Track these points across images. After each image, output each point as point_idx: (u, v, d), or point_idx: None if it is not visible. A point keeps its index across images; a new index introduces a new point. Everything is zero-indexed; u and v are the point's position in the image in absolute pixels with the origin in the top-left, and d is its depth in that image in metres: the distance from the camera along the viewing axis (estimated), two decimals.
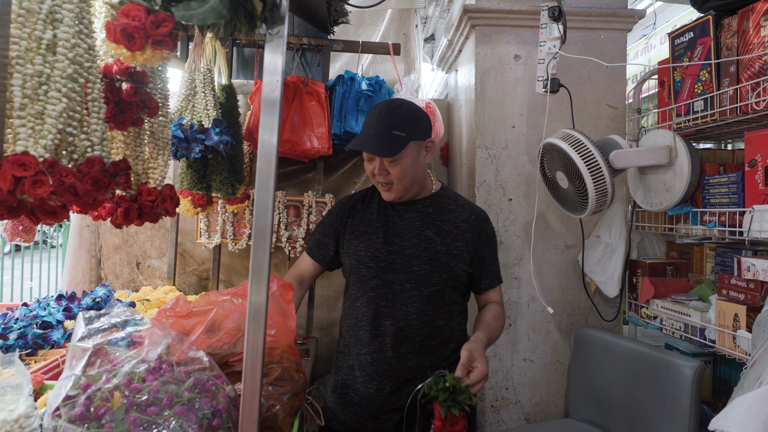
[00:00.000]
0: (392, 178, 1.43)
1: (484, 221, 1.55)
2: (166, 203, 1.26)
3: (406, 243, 1.48)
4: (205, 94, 1.97)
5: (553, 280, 2.17)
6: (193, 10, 0.80)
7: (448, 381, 1.18)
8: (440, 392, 1.17)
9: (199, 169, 2.06)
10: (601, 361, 1.94)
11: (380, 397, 1.44)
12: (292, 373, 1.27)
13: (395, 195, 1.47)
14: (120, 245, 2.63)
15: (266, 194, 0.90)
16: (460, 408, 1.16)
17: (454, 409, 1.15)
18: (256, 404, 0.90)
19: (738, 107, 1.48)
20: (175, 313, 1.27)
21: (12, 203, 0.79)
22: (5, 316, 1.74)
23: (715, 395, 1.91)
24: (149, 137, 1.31)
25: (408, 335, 1.43)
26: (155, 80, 1.28)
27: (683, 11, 3.75)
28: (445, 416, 1.16)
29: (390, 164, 1.42)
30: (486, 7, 2.12)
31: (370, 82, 2.37)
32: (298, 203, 2.49)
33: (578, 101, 2.14)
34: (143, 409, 0.94)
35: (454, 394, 1.17)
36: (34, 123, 0.82)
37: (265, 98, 0.90)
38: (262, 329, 0.90)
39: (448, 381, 1.18)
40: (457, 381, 1.18)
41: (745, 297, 1.49)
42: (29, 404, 0.99)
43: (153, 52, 0.88)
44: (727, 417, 1.04)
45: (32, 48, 0.82)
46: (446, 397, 1.16)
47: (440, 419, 1.17)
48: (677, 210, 1.77)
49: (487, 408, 2.15)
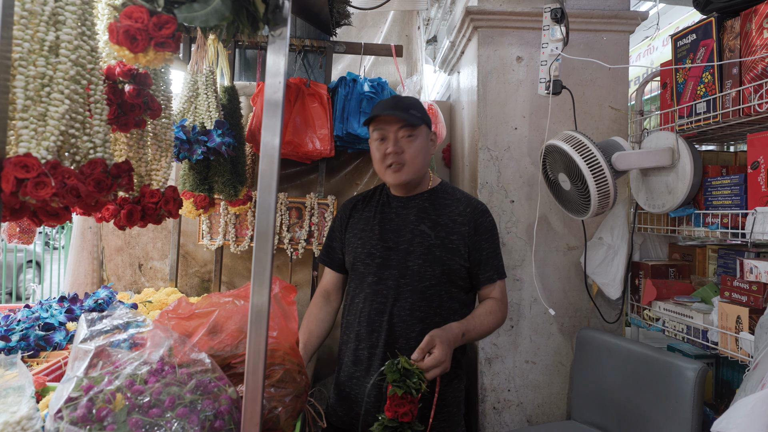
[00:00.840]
0: (406, 157, 1.45)
1: (482, 213, 1.53)
2: (169, 205, 1.26)
3: (401, 239, 1.49)
4: (208, 96, 1.97)
5: (555, 281, 2.17)
6: (196, 12, 0.80)
7: (400, 363, 1.22)
8: (391, 373, 1.21)
9: (201, 170, 2.07)
10: (603, 363, 1.93)
11: (375, 392, 1.45)
12: (294, 375, 1.27)
13: (406, 176, 1.47)
14: (122, 247, 2.64)
15: (269, 196, 0.90)
16: (407, 390, 1.19)
17: (399, 390, 1.18)
18: (258, 406, 0.90)
19: (741, 109, 1.48)
20: (177, 314, 1.27)
21: (14, 205, 0.79)
22: (7, 318, 1.74)
23: (717, 397, 1.90)
24: (152, 139, 1.31)
25: (402, 331, 1.44)
26: (158, 82, 1.28)
27: (686, 13, 3.75)
28: (391, 395, 1.19)
29: (406, 140, 1.45)
30: (488, 9, 2.12)
31: (372, 83, 2.37)
32: (300, 205, 2.49)
33: (580, 103, 2.14)
34: (145, 410, 0.94)
35: (404, 377, 1.20)
36: (37, 125, 0.82)
37: (268, 100, 0.90)
38: (264, 331, 0.90)
39: (400, 363, 1.22)
40: (409, 364, 1.22)
41: (748, 299, 1.49)
42: (31, 406, 0.99)
43: (155, 54, 0.88)
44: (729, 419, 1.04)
45: (35, 50, 0.83)
46: (396, 378, 1.20)
47: (389, 398, 1.20)
48: (680, 212, 1.76)
49: (489, 410, 2.14)
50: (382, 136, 1.47)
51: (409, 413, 1.19)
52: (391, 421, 1.19)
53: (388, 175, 1.48)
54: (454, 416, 1.51)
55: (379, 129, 1.47)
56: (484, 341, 2.13)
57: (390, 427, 1.20)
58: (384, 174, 1.50)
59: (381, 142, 1.47)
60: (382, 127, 1.46)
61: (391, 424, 1.19)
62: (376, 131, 1.47)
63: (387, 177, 1.49)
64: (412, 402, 1.20)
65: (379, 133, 1.47)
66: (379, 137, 1.47)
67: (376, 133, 1.47)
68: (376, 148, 1.49)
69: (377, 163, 1.50)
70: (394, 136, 1.45)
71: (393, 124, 1.45)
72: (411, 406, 1.20)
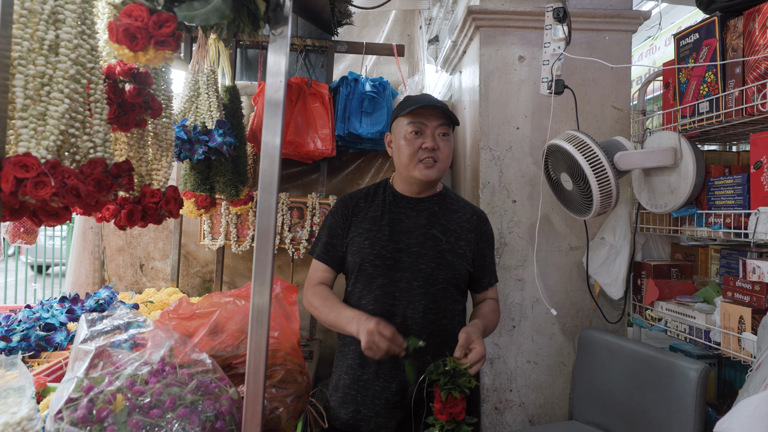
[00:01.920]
0: (440, 154, 1.45)
1: (485, 222, 1.60)
2: (170, 205, 1.26)
3: (412, 241, 1.48)
4: (209, 96, 1.97)
5: (557, 281, 2.16)
6: (196, 11, 0.79)
7: (448, 364, 1.24)
8: (441, 376, 1.23)
9: (202, 170, 2.06)
10: (605, 363, 1.93)
11: (385, 395, 1.44)
12: (296, 375, 1.26)
13: (436, 173, 1.47)
14: (123, 247, 2.64)
15: (269, 196, 0.89)
16: (460, 390, 1.21)
17: (454, 392, 1.21)
18: (259, 406, 0.90)
19: (743, 109, 1.47)
20: (178, 315, 1.27)
21: (14, 205, 0.78)
22: (8, 318, 1.74)
23: (720, 398, 1.89)
24: (153, 139, 1.30)
25: (415, 333, 1.43)
26: (158, 81, 1.28)
27: (688, 12, 3.74)
28: (445, 398, 1.21)
29: (442, 138, 1.46)
30: (490, 9, 2.12)
31: (374, 83, 2.36)
32: (301, 205, 2.48)
33: (583, 103, 2.13)
34: (146, 411, 0.93)
35: (454, 377, 1.22)
36: (36, 124, 0.81)
37: (269, 99, 0.90)
38: (266, 331, 0.90)
39: (448, 364, 1.24)
40: (456, 364, 1.24)
41: (751, 299, 1.48)
42: (32, 407, 0.99)
43: (156, 53, 0.87)
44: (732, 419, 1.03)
45: (34, 49, 0.82)
46: (446, 381, 1.22)
47: (440, 401, 1.22)
48: (682, 212, 1.75)
49: (491, 410, 2.14)
50: (418, 129, 1.44)
51: (463, 411, 1.23)
52: (449, 422, 1.22)
53: (418, 170, 1.45)
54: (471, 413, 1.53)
55: (416, 122, 1.44)
56: (486, 341, 2.12)
57: (449, 429, 1.23)
58: (413, 169, 1.46)
59: (416, 135, 1.44)
60: (421, 121, 1.44)
61: (449, 426, 1.22)
62: (413, 124, 1.44)
63: (416, 172, 1.46)
64: (464, 400, 1.23)
65: (416, 126, 1.44)
66: (414, 130, 1.44)
67: (412, 126, 1.44)
68: (408, 142, 1.44)
69: (407, 156, 1.45)
70: (432, 132, 1.44)
71: (432, 120, 1.44)
72: (463, 404, 1.23)
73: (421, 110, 1.44)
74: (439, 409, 1.23)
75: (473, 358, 1.25)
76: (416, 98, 1.49)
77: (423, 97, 1.49)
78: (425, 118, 1.44)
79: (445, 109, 1.45)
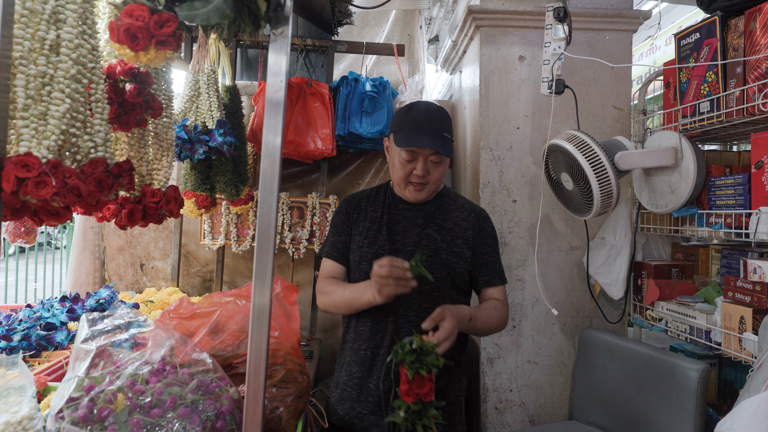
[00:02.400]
0: (430, 179, 1.46)
1: (484, 219, 1.58)
2: (171, 204, 1.26)
3: (407, 240, 1.50)
4: (209, 96, 1.97)
5: (558, 281, 2.16)
6: (197, 10, 0.79)
7: (414, 342, 1.19)
8: (407, 355, 1.18)
9: (202, 170, 2.07)
10: (605, 363, 1.93)
11: (378, 392, 1.45)
12: (296, 375, 1.26)
13: (425, 196, 1.50)
14: (124, 247, 2.64)
15: (270, 195, 0.89)
16: (427, 369, 1.17)
17: (421, 370, 1.16)
18: (259, 406, 0.90)
19: (744, 108, 1.47)
20: (178, 314, 1.27)
21: (15, 204, 0.78)
22: (9, 317, 1.74)
23: (720, 398, 1.89)
24: (153, 138, 1.31)
25: (408, 332, 1.44)
26: (159, 81, 1.28)
27: (689, 12, 3.73)
28: (412, 377, 1.16)
29: (434, 165, 1.46)
30: (491, 8, 2.12)
31: (374, 83, 2.36)
32: (302, 204, 2.48)
33: (583, 102, 2.13)
34: (146, 411, 0.94)
35: (420, 356, 1.18)
36: (38, 124, 0.81)
37: (269, 99, 0.90)
38: (266, 331, 0.90)
39: (414, 342, 1.19)
40: (422, 342, 1.20)
41: (751, 299, 1.48)
42: (32, 406, 0.99)
43: (156, 53, 0.87)
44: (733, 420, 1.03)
45: (35, 48, 0.82)
46: (413, 359, 1.17)
47: (407, 381, 1.17)
48: (683, 212, 1.75)
49: (491, 410, 2.14)
50: (412, 157, 1.45)
51: (431, 392, 1.18)
52: (416, 404, 1.16)
53: (408, 191, 1.49)
54: (455, 414, 1.51)
55: (410, 151, 1.45)
56: (486, 341, 2.13)
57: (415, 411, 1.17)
58: (404, 189, 1.50)
59: (409, 162, 1.46)
60: (414, 150, 1.44)
61: (416, 407, 1.17)
62: (406, 152, 1.45)
63: (407, 193, 1.50)
64: (431, 380, 1.18)
65: (409, 154, 1.45)
66: (408, 158, 1.45)
67: (406, 154, 1.45)
68: (401, 165, 1.47)
69: (399, 178, 1.48)
70: (423, 160, 1.44)
71: (426, 150, 1.44)
72: (431, 384, 1.18)
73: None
74: (405, 391, 1.17)
75: (440, 336, 1.22)
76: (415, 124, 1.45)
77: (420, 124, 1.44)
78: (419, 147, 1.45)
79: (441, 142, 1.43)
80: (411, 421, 1.17)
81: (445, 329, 1.24)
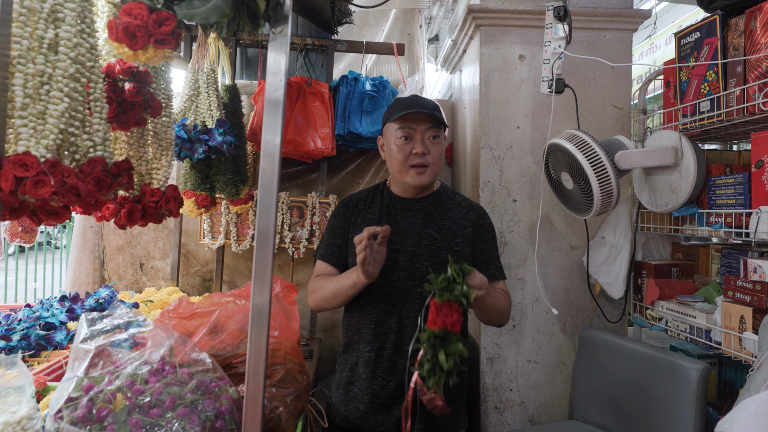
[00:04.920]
0: (430, 159, 1.45)
1: (482, 216, 1.57)
2: (170, 204, 1.26)
3: (407, 241, 1.49)
4: (209, 95, 1.97)
5: (558, 281, 2.16)
6: (196, 9, 0.79)
7: (450, 269, 1.18)
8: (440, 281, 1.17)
9: (202, 169, 2.06)
10: (605, 362, 1.92)
11: (384, 393, 1.44)
12: (296, 375, 1.26)
13: (428, 178, 1.47)
14: (123, 246, 2.64)
15: (269, 195, 0.89)
16: (456, 300, 1.15)
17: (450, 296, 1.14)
18: (259, 406, 0.90)
19: (745, 108, 1.46)
20: (178, 314, 1.27)
21: (14, 204, 0.78)
22: (8, 317, 1.74)
23: (720, 397, 1.89)
24: (152, 138, 1.30)
25: (411, 333, 1.43)
26: (158, 80, 1.28)
27: (689, 11, 3.73)
28: (441, 304, 1.15)
29: (432, 141, 1.45)
30: (491, 7, 2.11)
31: (374, 82, 2.36)
32: (301, 204, 2.48)
33: (583, 102, 2.13)
34: (146, 410, 0.93)
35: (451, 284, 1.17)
36: (36, 123, 0.81)
37: (268, 98, 0.89)
38: (266, 331, 0.90)
39: (450, 269, 1.18)
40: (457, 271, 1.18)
41: (752, 299, 1.48)
42: (32, 406, 0.99)
43: (155, 51, 0.87)
44: (733, 419, 1.03)
45: (34, 47, 0.82)
46: (444, 287, 1.16)
47: (435, 310, 1.16)
48: (683, 211, 1.75)
49: (491, 410, 2.14)
50: (408, 134, 1.43)
51: (458, 323, 1.15)
52: (441, 331, 1.14)
53: (410, 176, 1.46)
54: (458, 411, 1.51)
55: (405, 127, 1.43)
56: (486, 340, 2.13)
57: (440, 336, 1.14)
58: (405, 174, 1.47)
59: (406, 141, 1.44)
60: (410, 126, 1.43)
61: (440, 333, 1.14)
62: (402, 129, 1.44)
63: (408, 178, 1.46)
64: (460, 312, 1.16)
65: (406, 131, 1.43)
66: (404, 135, 1.44)
67: (402, 131, 1.44)
68: (398, 148, 1.45)
69: (399, 162, 1.46)
70: (421, 137, 1.43)
71: (421, 124, 1.43)
72: (459, 317, 1.16)
73: (409, 115, 1.43)
74: (432, 320, 1.15)
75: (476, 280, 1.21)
76: (405, 102, 1.47)
77: (411, 101, 1.47)
78: (414, 122, 1.44)
79: (434, 112, 1.43)
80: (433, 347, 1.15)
81: (480, 277, 1.23)
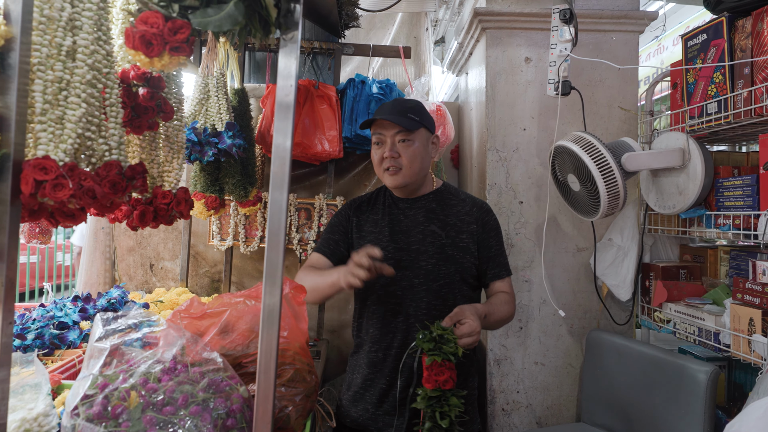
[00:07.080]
0: (402, 162, 1.47)
1: (487, 212, 1.58)
2: (181, 206, 1.28)
3: (411, 239, 1.50)
4: (219, 98, 1.99)
5: (565, 283, 2.16)
6: (210, 17, 0.81)
7: (434, 331, 1.22)
8: (425, 342, 1.21)
9: (212, 172, 2.09)
10: (613, 365, 1.92)
11: (392, 393, 1.45)
12: (305, 375, 1.28)
13: (402, 180, 1.49)
14: (134, 247, 2.67)
15: (280, 196, 0.91)
16: (445, 357, 1.18)
17: (437, 357, 1.18)
18: (269, 405, 0.91)
19: (752, 109, 1.47)
20: (189, 314, 1.29)
21: (33, 206, 0.80)
22: (23, 316, 1.77)
23: (729, 400, 1.88)
24: (164, 141, 1.32)
25: (418, 330, 1.44)
26: (170, 85, 1.30)
27: (696, 12, 3.72)
28: (430, 364, 1.18)
29: (403, 145, 1.47)
30: (497, 10, 2.12)
31: (380, 85, 2.38)
32: (309, 206, 2.50)
33: (590, 103, 2.13)
34: (159, 408, 0.95)
35: (439, 344, 1.20)
36: (55, 128, 0.83)
37: (279, 102, 0.91)
38: (276, 331, 0.91)
39: (434, 331, 1.22)
40: (441, 329, 1.22)
41: (761, 301, 1.48)
42: (48, 403, 1.01)
43: (170, 58, 0.89)
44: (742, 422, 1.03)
45: (53, 54, 0.84)
46: (432, 347, 1.19)
47: (426, 368, 1.19)
48: (691, 213, 1.75)
49: (498, 411, 2.14)
50: (379, 140, 1.50)
51: (450, 380, 1.19)
52: (434, 390, 1.18)
53: (385, 177, 1.52)
54: (469, 413, 1.52)
55: (377, 133, 1.50)
56: (493, 342, 2.13)
57: (434, 397, 1.19)
58: (382, 177, 1.53)
59: (378, 146, 1.51)
60: (380, 132, 1.49)
61: (434, 393, 1.18)
62: (375, 135, 1.51)
63: (385, 179, 1.53)
64: (451, 369, 1.19)
65: (377, 137, 1.51)
66: (376, 141, 1.51)
67: (375, 137, 1.51)
68: (374, 152, 1.52)
69: (376, 165, 1.53)
70: (390, 141, 1.48)
71: (390, 129, 1.48)
72: (450, 373, 1.19)
73: (380, 121, 1.48)
74: (426, 378, 1.19)
75: (463, 330, 1.23)
76: (379, 108, 1.53)
77: (383, 107, 1.52)
78: (383, 128, 1.49)
79: (400, 117, 1.46)
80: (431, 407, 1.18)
81: (469, 325, 1.25)
